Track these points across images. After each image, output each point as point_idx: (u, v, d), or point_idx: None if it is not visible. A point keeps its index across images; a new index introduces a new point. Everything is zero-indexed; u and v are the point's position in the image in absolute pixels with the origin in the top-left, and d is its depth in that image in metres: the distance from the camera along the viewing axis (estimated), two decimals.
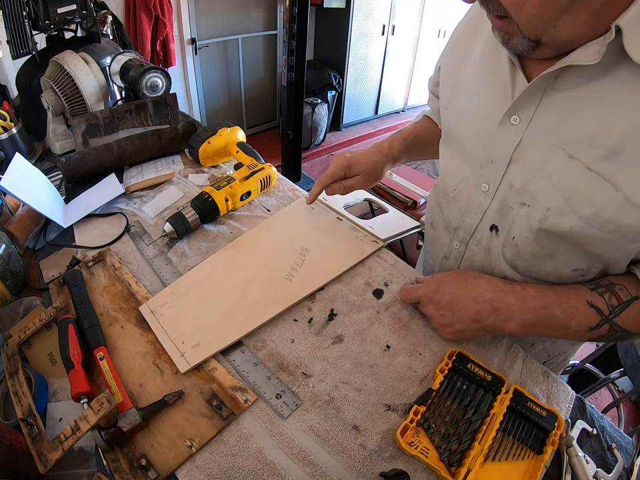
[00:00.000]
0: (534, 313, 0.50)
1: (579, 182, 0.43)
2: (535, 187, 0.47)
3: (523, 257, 0.53)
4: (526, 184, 0.48)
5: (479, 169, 0.54)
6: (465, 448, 0.46)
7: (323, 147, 3.82)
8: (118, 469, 0.44)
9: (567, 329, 0.49)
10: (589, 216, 0.43)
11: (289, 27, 2.56)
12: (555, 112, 0.44)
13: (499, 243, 0.55)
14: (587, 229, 0.44)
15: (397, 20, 3.83)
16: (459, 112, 0.57)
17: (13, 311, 0.63)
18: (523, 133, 0.47)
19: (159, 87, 1.13)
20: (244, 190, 0.79)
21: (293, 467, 0.45)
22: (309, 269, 0.68)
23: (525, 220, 0.50)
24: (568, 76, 0.41)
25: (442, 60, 0.64)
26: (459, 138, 0.57)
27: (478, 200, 0.55)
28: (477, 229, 0.57)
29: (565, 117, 0.43)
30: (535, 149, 0.46)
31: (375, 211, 1.82)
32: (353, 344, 0.58)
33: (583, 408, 0.53)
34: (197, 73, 3.24)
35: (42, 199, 0.81)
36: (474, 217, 0.57)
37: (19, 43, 1.07)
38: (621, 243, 0.44)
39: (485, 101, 0.52)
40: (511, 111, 0.47)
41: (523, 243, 0.51)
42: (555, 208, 0.46)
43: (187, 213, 0.73)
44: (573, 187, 0.44)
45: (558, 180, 0.45)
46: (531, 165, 0.47)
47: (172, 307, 0.62)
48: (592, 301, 0.48)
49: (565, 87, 0.42)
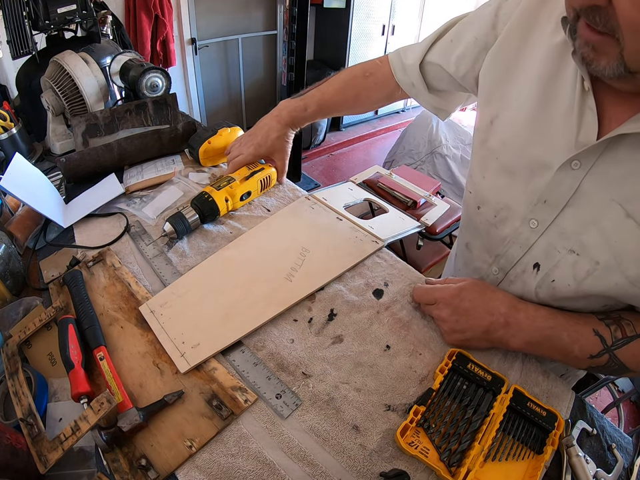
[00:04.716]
0: (541, 332, 0.50)
1: (630, 241, 0.42)
2: (588, 238, 0.46)
3: (557, 299, 0.52)
4: (579, 232, 0.47)
5: (528, 204, 0.51)
6: (465, 448, 0.46)
7: (323, 147, 3.82)
8: (118, 469, 0.44)
9: (569, 353, 0.50)
10: (634, 276, 0.43)
11: (289, 27, 2.57)
12: (617, 166, 0.42)
13: (535, 280, 0.54)
14: (630, 287, 0.44)
15: (397, 20, 3.83)
16: (509, 132, 0.52)
17: (13, 311, 0.63)
18: (582, 179, 0.45)
19: (159, 87, 1.13)
20: (244, 190, 0.79)
21: (292, 467, 0.45)
22: (309, 269, 0.68)
23: (570, 267, 0.49)
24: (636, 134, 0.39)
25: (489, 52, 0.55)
26: (506, 162, 0.53)
27: (525, 234, 0.53)
28: (519, 262, 0.56)
29: (628, 174, 0.41)
30: (593, 199, 0.45)
31: (375, 211, 1.82)
32: (352, 344, 0.58)
33: (582, 408, 0.53)
34: (197, 72, 3.24)
35: (42, 199, 0.81)
36: (518, 249, 0.55)
37: (19, 43, 1.07)
38: None
39: (541, 130, 0.48)
40: (575, 157, 0.44)
41: (563, 288, 0.50)
42: (604, 262, 0.45)
43: (186, 212, 0.73)
44: (624, 246, 0.43)
45: (611, 236, 0.44)
46: (587, 215, 0.46)
47: (172, 306, 0.62)
48: (598, 330, 0.48)
49: (631, 143, 0.40)
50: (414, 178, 1.90)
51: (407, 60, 0.69)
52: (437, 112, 0.74)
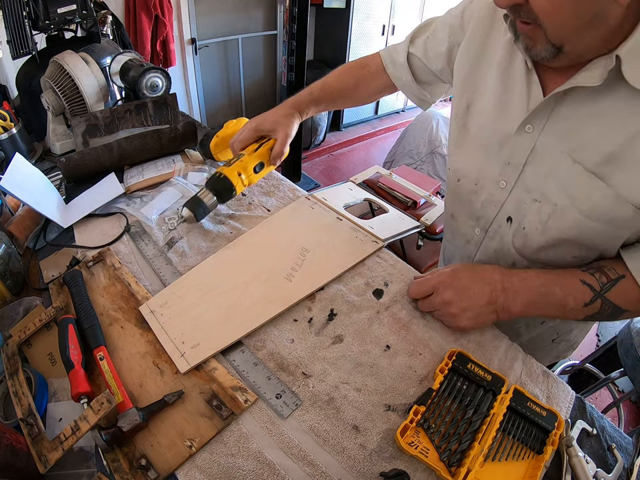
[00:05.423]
0: (536, 290, 0.55)
1: (580, 183, 0.50)
2: (546, 187, 0.54)
3: (530, 246, 0.59)
4: (539, 184, 0.55)
5: (498, 169, 0.60)
6: (465, 448, 0.46)
7: (323, 147, 3.82)
8: (118, 469, 0.44)
9: (566, 306, 0.54)
10: (587, 210, 0.51)
11: (289, 27, 2.57)
12: (563, 123, 0.50)
13: (510, 232, 0.61)
14: (586, 221, 0.51)
15: (397, 20, 3.83)
16: (481, 115, 0.62)
17: (13, 311, 0.63)
18: (536, 140, 0.54)
19: (159, 87, 1.13)
20: (255, 161, 0.73)
21: (292, 467, 0.45)
22: (309, 269, 0.68)
23: (536, 214, 0.56)
24: (575, 94, 0.48)
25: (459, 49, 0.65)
26: (480, 139, 0.62)
27: (497, 195, 0.61)
28: (495, 219, 0.63)
29: (572, 128, 0.50)
30: (546, 154, 0.53)
31: (375, 211, 1.82)
32: (352, 344, 0.58)
33: (583, 408, 0.53)
34: (197, 72, 3.24)
35: (42, 199, 0.81)
36: (493, 208, 0.63)
37: (19, 43, 1.07)
38: (615, 232, 0.52)
39: (504, 108, 0.57)
40: (526, 121, 0.53)
41: (532, 233, 0.58)
42: (561, 204, 0.53)
43: (202, 195, 0.70)
44: (576, 187, 0.51)
45: (564, 181, 0.52)
46: (544, 169, 0.54)
47: (172, 306, 0.61)
48: (584, 279, 0.54)
49: (572, 102, 0.49)
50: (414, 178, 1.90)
51: (397, 56, 0.77)
52: (421, 103, 0.82)
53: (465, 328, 0.58)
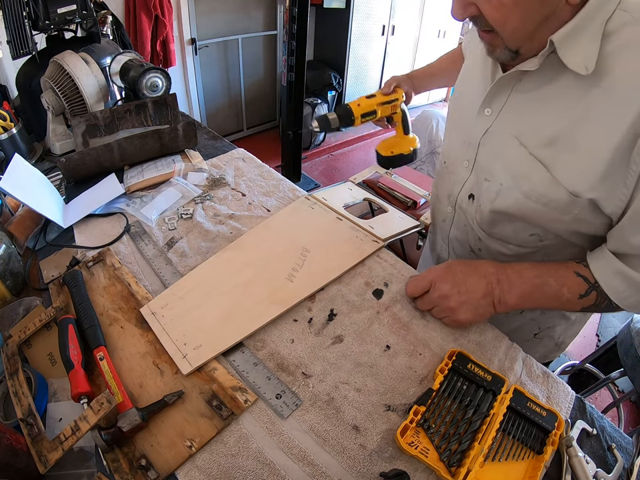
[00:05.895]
0: (530, 282, 0.56)
1: (523, 165, 0.53)
2: (494, 168, 0.58)
3: (486, 221, 0.63)
4: (488, 164, 0.59)
5: (464, 149, 0.64)
6: (465, 448, 0.46)
7: (323, 147, 3.82)
8: (118, 469, 0.44)
9: (561, 297, 0.55)
10: (527, 191, 0.53)
11: (289, 27, 2.56)
12: (516, 108, 0.54)
13: (472, 208, 0.65)
14: (526, 201, 0.54)
15: (397, 20, 3.82)
16: (457, 99, 0.69)
17: (13, 311, 0.63)
18: (492, 122, 0.57)
19: (159, 87, 1.13)
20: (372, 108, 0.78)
21: (292, 467, 0.45)
22: (310, 269, 0.68)
23: (487, 192, 0.60)
24: (527, 80, 0.52)
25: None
26: (455, 120, 0.69)
27: (462, 174, 0.65)
28: (459, 196, 0.67)
29: (522, 113, 0.53)
30: (497, 136, 0.57)
31: (375, 211, 1.82)
32: (352, 344, 0.58)
33: (583, 408, 0.53)
34: (197, 73, 3.23)
35: (42, 199, 0.81)
36: (458, 186, 0.67)
37: (19, 43, 1.07)
38: (555, 215, 0.53)
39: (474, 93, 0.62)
40: (486, 104, 0.58)
41: (485, 210, 0.61)
42: (506, 183, 0.56)
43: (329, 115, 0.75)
44: (518, 168, 0.54)
45: (510, 162, 0.55)
46: (493, 149, 0.58)
47: (173, 308, 0.61)
48: (579, 271, 0.55)
49: (524, 89, 0.53)
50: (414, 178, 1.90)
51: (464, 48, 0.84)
52: None
53: (464, 321, 0.58)
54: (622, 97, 0.43)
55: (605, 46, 0.43)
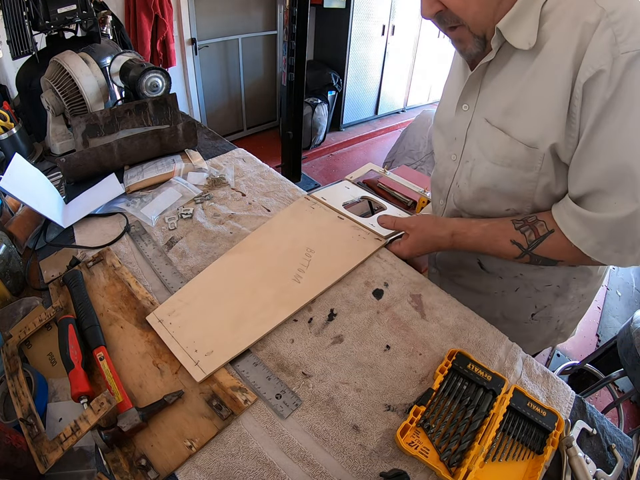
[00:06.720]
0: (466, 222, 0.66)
1: (488, 137, 0.60)
2: (472, 148, 0.64)
3: (465, 199, 0.68)
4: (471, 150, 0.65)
5: (449, 145, 0.70)
6: (465, 448, 0.46)
7: (323, 147, 3.81)
8: (118, 469, 0.44)
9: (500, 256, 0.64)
10: (492, 157, 0.60)
11: (289, 27, 2.56)
12: (486, 98, 0.61)
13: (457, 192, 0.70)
14: (494, 167, 0.60)
15: (397, 20, 3.82)
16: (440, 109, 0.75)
17: (13, 311, 0.63)
18: (471, 116, 0.64)
19: (159, 87, 1.13)
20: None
21: (292, 467, 0.45)
22: (316, 270, 0.68)
23: (465, 172, 0.66)
24: (490, 71, 0.59)
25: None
26: (440, 122, 0.74)
27: (450, 167, 0.71)
28: (450, 188, 0.72)
29: (488, 99, 0.60)
30: (477, 125, 0.63)
31: (375, 210, 1.82)
32: (352, 344, 0.58)
33: (583, 408, 0.53)
34: (197, 73, 3.23)
35: (42, 199, 0.81)
36: (448, 179, 0.72)
37: (19, 43, 1.07)
38: (520, 174, 0.58)
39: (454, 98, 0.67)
40: (462, 101, 0.64)
41: (463, 188, 0.67)
42: (476, 156, 0.63)
43: None
44: (485, 141, 0.61)
45: (479, 139, 0.62)
46: (474, 137, 0.64)
47: (180, 314, 0.61)
48: (514, 239, 0.61)
49: (489, 79, 0.59)
50: (414, 178, 1.89)
51: None
52: None
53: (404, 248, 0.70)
54: (557, 56, 0.50)
55: (544, 24, 0.51)
